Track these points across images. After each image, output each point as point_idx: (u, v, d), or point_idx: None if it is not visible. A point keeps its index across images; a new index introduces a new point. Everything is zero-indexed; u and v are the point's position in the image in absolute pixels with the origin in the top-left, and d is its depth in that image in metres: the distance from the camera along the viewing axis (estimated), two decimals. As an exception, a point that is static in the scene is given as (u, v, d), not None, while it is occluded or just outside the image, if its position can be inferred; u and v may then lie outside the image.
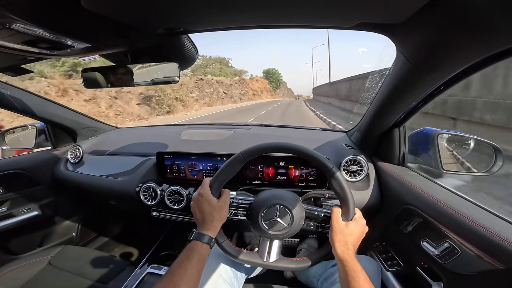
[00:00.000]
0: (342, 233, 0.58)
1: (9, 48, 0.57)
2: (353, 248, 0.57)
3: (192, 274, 0.51)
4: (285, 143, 0.63)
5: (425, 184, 0.78)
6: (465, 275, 0.58)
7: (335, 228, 0.59)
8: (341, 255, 0.56)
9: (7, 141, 1.30)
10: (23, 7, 0.41)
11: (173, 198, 1.01)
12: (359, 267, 0.54)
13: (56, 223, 1.35)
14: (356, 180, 0.95)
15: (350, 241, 0.57)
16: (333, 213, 0.61)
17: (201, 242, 0.55)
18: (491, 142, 0.80)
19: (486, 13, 0.38)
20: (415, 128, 0.92)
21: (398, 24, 0.51)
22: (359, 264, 0.55)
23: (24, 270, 0.95)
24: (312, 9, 0.51)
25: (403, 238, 0.83)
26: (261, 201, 0.66)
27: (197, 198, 0.61)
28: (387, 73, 0.73)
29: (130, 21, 0.54)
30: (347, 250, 0.56)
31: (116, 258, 1.05)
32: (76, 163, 1.26)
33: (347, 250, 0.56)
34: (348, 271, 0.53)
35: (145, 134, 1.47)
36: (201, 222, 0.59)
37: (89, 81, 0.77)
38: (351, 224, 0.59)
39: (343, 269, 0.55)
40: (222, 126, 1.38)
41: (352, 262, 0.54)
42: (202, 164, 1.04)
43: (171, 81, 0.75)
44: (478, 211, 0.61)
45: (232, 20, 0.58)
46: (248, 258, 0.66)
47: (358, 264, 0.54)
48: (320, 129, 1.36)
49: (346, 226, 0.58)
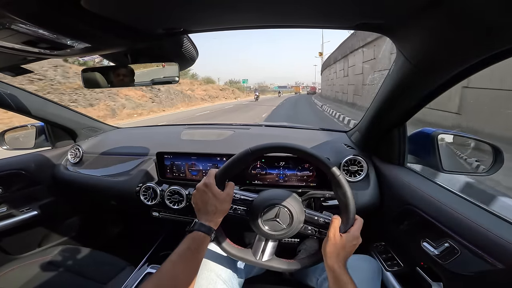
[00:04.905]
0: (336, 245, 0.58)
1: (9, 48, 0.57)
2: (344, 259, 0.57)
3: (192, 265, 0.51)
4: (296, 145, 0.62)
5: (425, 184, 0.78)
6: (465, 275, 0.58)
7: (330, 239, 0.59)
8: (331, 266, 0.56)
9: (7, 141, 1.30)
10: (23, 7, 0.41)
11: (173, 198, 1.01)
12: (348, 279, 0.54)
13: (56, 223, 1.35)
14: (356, 180, 0.95)
15: (342, 254, 0.57)
16: (332, 223, 0.61)
17: (203, 233, 0.55)
18: (491, 142, 0.80)
19: (486, 13, 0.38)
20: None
21: (398, 24, 0.52)
22: (349, 275, 0.55)
23: (24, 270, 0.95)
24: (312, 10, 0.51)
25: (403, 238, 0.83)
26: (262, 200, 0.67)
27: (202, 188, 0.60)
28: (387, 73, 0.73)
29: (130, 21, 0.54)
30: (338, 262, 0.56)
31: (116, 258, 1.05)
32: (76, 163, 1.26)
33: (337, 262, 0.56)
34: (338, 282, 0.54)
35: (145, 134, 1.47)
36: (203, 213, 0.58)
37: (89, 81, 0.77)
38: (346, 237, 0.59)
39: (332, 280, 0.55)
40: (222, 126, 1.38)
41: (341, 273, 0.55)
42: (202, 164, 1.04)
43: (171, 81, 0.75)
44: (478, 211, 0.61)
45: (232, 20, 0.58)
46: (241, 255, 0.66)
47: (347, 275, 0.55)
48: (320, 129, 1.36)
49: (340, 239, 0.58)
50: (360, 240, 0.60)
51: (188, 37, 0.71)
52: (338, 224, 0.60)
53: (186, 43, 0.73)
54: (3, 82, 1.04)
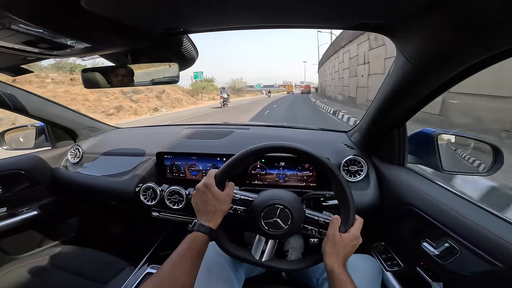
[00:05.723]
0: (335, 245, 0.58)
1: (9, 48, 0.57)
2: (343, 259, 0.57)
3: (192, 265, 0.51)
4: (293, 144, 0.63)
5: (425, 184, 0.78)
6: (465, 275, 0.58)
7: (330, 239, 0.59)
8: (330, 265, 0.56)
9: (7, 141, 1.30)
10: (23, 7, 0.41)
11: (172, 198, 1.01)
12: (348, 278, 0.55)
13: (56, 223, 1.35)
14: (356, 180, 0.95)
15: (342, 253, 0.57)
16: (331, 223, 0.61)
17: (203, 234, 0.55)
18: (491, 142, 0.80)
19: (486, 13, 0.38)
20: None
21: (398, 24, 0.52)
22: (348, 275, 0.55)
23: (24, 270, 0.95)
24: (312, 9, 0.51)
25: (403, 238, 0.83)
26: (262, 200, 0.66)
27: (201, 188, 0.60)
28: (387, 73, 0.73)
29: (130, 21, 0.54)
30: (337, 261, 0.56)
31: (116, 258, 1.05)
32: (76, 163, 1.26)
33: (337, 261, 0.56)
34: (337, 282, 0.54)
35: (145, 134, 1.47)
36: (202, 213, 0.58)
37: (89, 81, 0.77)
38: (346, 237, 0.59)
39: (332, 279, 0.55)
40: (222, 126, 1.38)
41: (341, 273, 0.55)
42: (202, 164, 1.04)
43: (171, 81, 0.75)
44: (478, 211, 0.61)
45: (232, 20, 0.58)
46: (242, 255, 0.66)
47: (347, 275, 0.55)
48: (320, 129, 1.36)
49: (340, 238, 0.58)
50: (360, 240, 0.60)
51: (188, 37, 0.71)
52: (338, 223, 0.60)
53: (186, 43, 0.73)
54: (3, 82, 1.04)
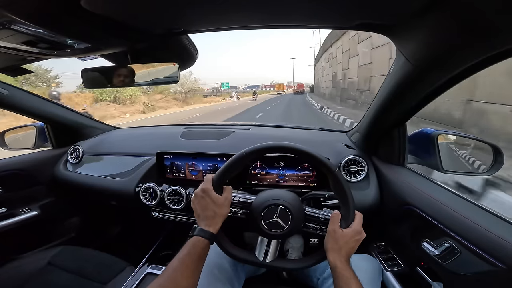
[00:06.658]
0: (337, 241, 0.57)
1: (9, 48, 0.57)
2: (346, 255, 0.57)
3: (193, 270, 0.51)
4: (288, 143, 0.62)
5: (425, 184, 0.78)
6: (465, 275, 0.58)
7: (331, 235, 0.58)
8: (333, 262, 0.56)
9: (7, 141, 1.30)
10: (23, 7, 0.41)
11: (173, 199, 1.01)
12: (351, 273, 0.54)
13: (56, 223, 1.35)
14: (356, 180, 0.95)
15: (344, 249, 0.57)
16: (331, 218, 0.60)
17: (203, 238, 0.55)
18: (491, 142, 0.80)
19: (486, 13, 0.38)
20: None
21: (398, 24, 0.52)
22: (352, 271, 0.55)
23: (24, 270, 0.95)
24: (312, 9, 0.51)
25: (403, 238, 0.83)
26: (261, 201, 0.66)
27: (199, 193, 0.60)
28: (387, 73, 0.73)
29: (130, 21, 0.54)
30: (340, 257, 0.56)
31: (116, 258, 1.04)
32: (76, 163, 1.26)
33: (339, 257, 0.56)
34: (341, 278, 0.54)
35: (145, 134, 1.47)
36: (202, 218, 0.59)
37: (89, 81, 0.77)
38: (348, 232, 0.58)
39: (336, 275, 0.55)
40: (222, 126, 1.38)
41: (344, 268, 0.54)
42: (202, 164, 1.04)
43: (171, 81, 0.75)
44: (478, 211, 0.61)
45: (232, 20, 0.58)
46: (246, 257, 0.66)
47: (350, 271, 0.55)
48: (320, 129, 1.36)
49: (342, 233, 0.58)
50: (363, 235, 0.59)
51: (188, 37, 0.72)
52: (338, 219, 0.60)
53: (186, 43, 0.73)
54: (3, 82, 1.04)
